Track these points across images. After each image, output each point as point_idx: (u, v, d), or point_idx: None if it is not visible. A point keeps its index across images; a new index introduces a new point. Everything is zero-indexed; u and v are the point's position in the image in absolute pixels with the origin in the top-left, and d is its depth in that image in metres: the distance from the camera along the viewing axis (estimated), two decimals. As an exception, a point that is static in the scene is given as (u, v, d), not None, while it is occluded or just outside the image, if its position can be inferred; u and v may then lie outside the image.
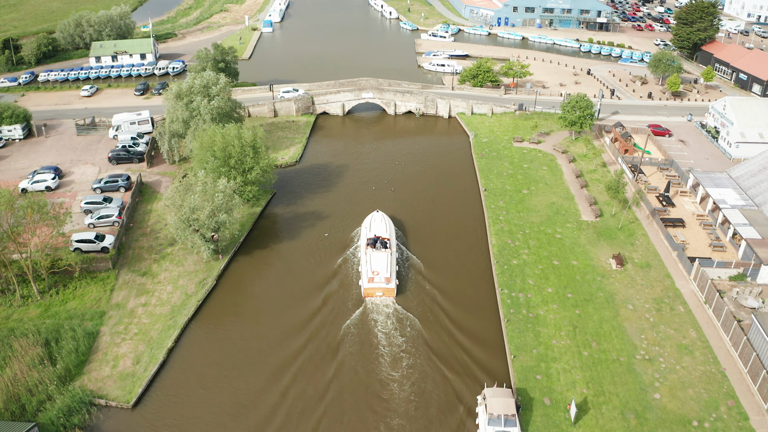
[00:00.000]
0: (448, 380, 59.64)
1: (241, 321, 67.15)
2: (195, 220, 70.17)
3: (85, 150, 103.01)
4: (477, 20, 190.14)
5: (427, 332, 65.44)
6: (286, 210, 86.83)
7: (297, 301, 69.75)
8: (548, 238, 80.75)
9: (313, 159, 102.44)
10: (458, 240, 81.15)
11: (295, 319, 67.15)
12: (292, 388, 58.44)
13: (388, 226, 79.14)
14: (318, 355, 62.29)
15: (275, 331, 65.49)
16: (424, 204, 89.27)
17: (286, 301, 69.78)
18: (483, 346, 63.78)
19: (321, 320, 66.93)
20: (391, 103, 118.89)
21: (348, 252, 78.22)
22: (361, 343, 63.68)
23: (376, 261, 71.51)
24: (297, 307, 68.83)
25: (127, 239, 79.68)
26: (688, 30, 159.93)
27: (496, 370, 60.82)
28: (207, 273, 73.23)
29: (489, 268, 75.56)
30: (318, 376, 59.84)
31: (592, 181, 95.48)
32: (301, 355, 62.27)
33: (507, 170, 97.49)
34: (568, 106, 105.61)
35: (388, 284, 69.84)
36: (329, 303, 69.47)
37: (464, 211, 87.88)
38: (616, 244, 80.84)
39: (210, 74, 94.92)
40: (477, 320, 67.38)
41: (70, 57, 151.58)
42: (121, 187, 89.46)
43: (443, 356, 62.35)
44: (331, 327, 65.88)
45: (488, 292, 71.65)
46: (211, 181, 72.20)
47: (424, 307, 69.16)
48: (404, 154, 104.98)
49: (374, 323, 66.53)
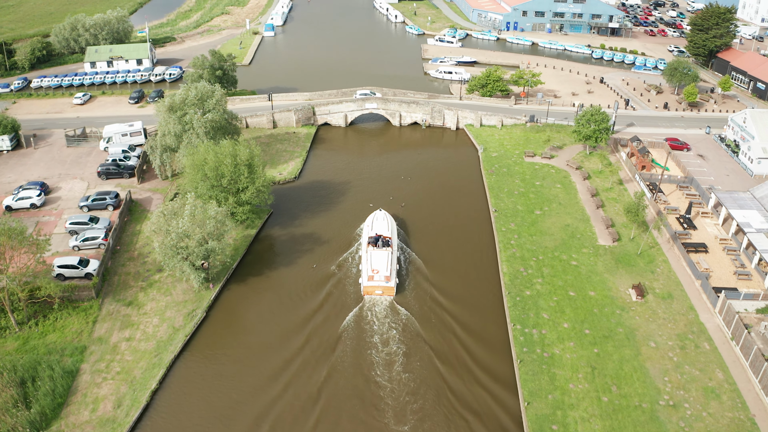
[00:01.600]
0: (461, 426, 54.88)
1: (231, 357, 62.16)
2: (183, 248, 65.17)
3: (74, 163, 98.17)
4: (485, 25, 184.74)
5: (443, 366, 61.10)
6: (283, 232, 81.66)
7: (292, 334, 64.66)
8: (563, 266, 75.50)
9: (313, 174, 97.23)
10: (466, 266, 75.95)
11: (289, 352, 62.16)
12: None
13: (390, 225, 78.27)
14: (310, 397, 57.37)
15: (268, 367, 60.54)
16: (431, 225, 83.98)
17: (280, 335, 64.73)
18: (494, 389, 58.77)
19: (316, 358, 61.94)
20: (396, 114, 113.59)
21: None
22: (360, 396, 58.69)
23: (376, 259, 70.82)
24: (292, 341, 63.77)
25: (113, 264, 74.75)
26: (704, 37, 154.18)
27: (508, 418, 55.78)
28: (196, 303, 68.22)
29: (500, 299, 70.38)
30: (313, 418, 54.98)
31: (609, 201, 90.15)
32: (292, 395, 57.37)
33: (518, 188, 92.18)
34: (582, 119, 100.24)
35: (388, 283, 69.18)
36: (324, 336, 64.50)
37: (473, 233, 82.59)
38: (636, 272, 75.61)
39: (205, 86, 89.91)
40: (487, 358, 62.41)
41: (65, 62, 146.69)
42: (110, 205, 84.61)
43: (459, 395, 57.89)
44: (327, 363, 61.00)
45: (499, 327, 66.49)
46: (200, 205, 67.13)
47: (439, 337, 64.40)
48: (409, 169, 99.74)
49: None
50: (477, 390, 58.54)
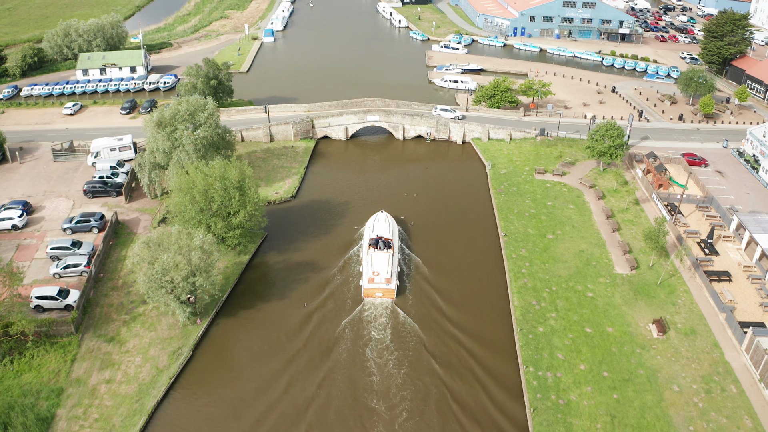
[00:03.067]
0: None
1: (220, 399, 57.18)
2: (168, 282, 60.13)
3: (60, 179, 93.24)
4: (491, 30, 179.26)
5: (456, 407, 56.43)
6: (277, 258, 76.42)
7: (286, 377, 59.59)
8: (578, 298, 70.26)
9: (311, 193, 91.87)
10: (474, 298, 70.67)
11: (287, 403, 57.08)
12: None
13: (391, 227, 77.52)
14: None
15: (258, 410, 55.52)
16: (436, 250, 78.67)
17: (273, 377, 59.67)
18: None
19: (318, 407, 56.87)
20: (399, 127, 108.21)
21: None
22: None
23: (377, 261, 70.13)
24: (286, 387, 58.71)
25: (96, 294, 69.74)
26: (718, 44, 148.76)
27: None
28: (182, 340, 63.16)
29: (511, 337, 65.16)
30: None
31: (625, 223, 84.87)
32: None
33: (529, 209, 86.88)
34: (596, 135, 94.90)
35: (389, 285, 68.52)
36: (327, 382, 59.41)
37: (481, 261, 77.23)
38: (656, 304, 70.39)
39: (197, 99, 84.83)
40: (499, 405, 57.30)
41: (58, 69, 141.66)
42: (94, 227, 79.65)
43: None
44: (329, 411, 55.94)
45: (511, 368, 61.31)
46: (186, 235, 62.04)
47: (450, 379, 59.26)
48: (413, 187, 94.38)
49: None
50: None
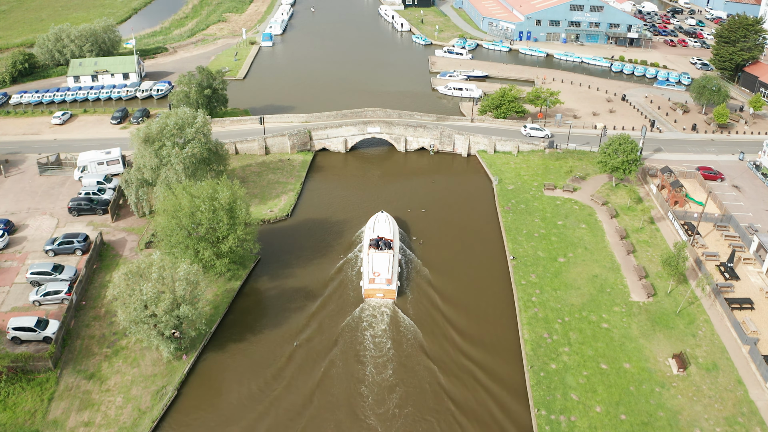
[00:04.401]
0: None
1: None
2: (150, 316, 55.59)
3: (45, 195, 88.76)
4: (496, 34, 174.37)
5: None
6: (271, 285, 71.67)
7: (279, 415, 55.03)
8: (593, 329, 65.54)
9: (308, 211, 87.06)
10: (481, 330, 65.87)
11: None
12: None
13: (391, 227, 77.33)
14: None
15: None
16: (441, 275, 73.96)
17: (261, 417, 55.08)
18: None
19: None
20: (401, 139, 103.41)
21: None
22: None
23: (377, 262, 70.06)
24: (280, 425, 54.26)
25: (77, 324, 65.18)
26: (731, 50, 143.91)
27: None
28: (167, 378, 58.56)
29: (521, 374, 60.44)
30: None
31: (640, 245, 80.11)
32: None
33: (538, 229, 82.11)
34: (609, 149, 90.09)
35: (389, 286, 68.33)
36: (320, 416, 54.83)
37: (488, 287, 72.34)
38: (675, 335, 65.69)
39: (185, 111, 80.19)
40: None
41: (49, 75, 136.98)
42: (78, 249, 75.15)
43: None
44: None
45: (521, 410, 56.57)
46: (169, 265, 57.44)
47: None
48: (416, 202, 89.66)
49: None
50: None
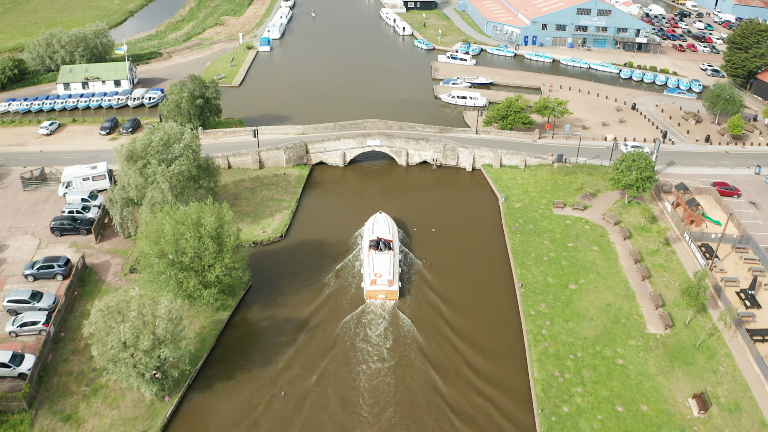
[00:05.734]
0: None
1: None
2: (129, 357, 51.01)
3: (28, 213, 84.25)
4: (501, 39, 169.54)
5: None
6: (262, 315, 66.88)
7: None
8: (607, 366, 60.83)
9: (303, 231, 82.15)
10: (488, 364, 61.20)
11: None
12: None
13: (390, 228, 77.03)
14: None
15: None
16: (444, 305, 69.25)
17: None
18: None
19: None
20: (403, 152, 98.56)
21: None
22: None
23: (378, 263, 69.91)
24: None
25: (54, 358, 60.64)
26: (743, 56, 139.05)
27: None
28: (149, 421, 53.98)
29: (531, 419, 55.74)
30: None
31: (656, 269, 75.38)
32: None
33: (547, 252, 77.36)
34: (622, 165, 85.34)
35: (391, 286, 68.03)
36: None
37: (495, 318, 67.37)
38: (695, 372, 60.99)
39: (172, 126, 75.53)
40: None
41: (40, 81, 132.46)
42: (58, 274, 70.60)
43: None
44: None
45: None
46: (149, 301, 52.84)
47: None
48: (417, 221, 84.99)
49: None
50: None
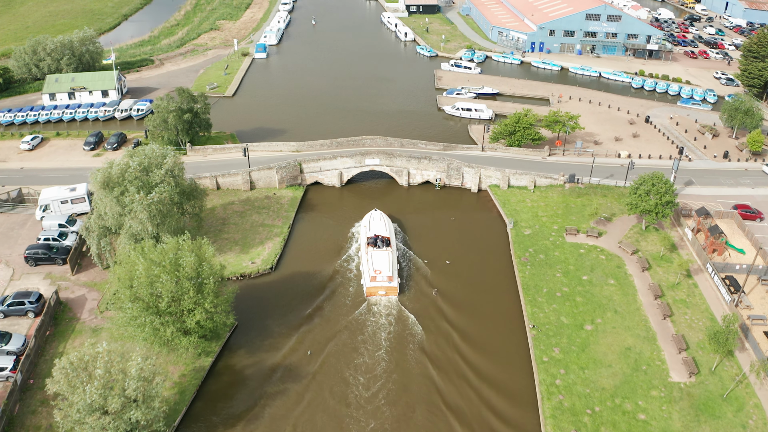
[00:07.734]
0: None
1: None
2: (96, 420, 45.32)
3: (3, 238, 78.72)
4: (506, 45, 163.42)
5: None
6: (248, 361, 60.92)
7: None
8: (628, 422, 54.99)
9: (295, 262, 75.87)
10: (498, 423, 55.36)
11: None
12: None
13: (387, 225, 77.71)
14: None
15: None
16: (445, 349, 63.36)
17: None
18: None
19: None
20: (404, 172, 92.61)
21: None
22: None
23: (377, 260, 70.38)
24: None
25: (21, 409, 55.05)
26: (760, 65, 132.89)
27: None
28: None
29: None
30: None
31: (677, 305, 69.50)
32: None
33: (560, 286, 71.41)
34: (640, 189, 79.46)
35: (391, 283, 68.44)
36: None
37: (505, 366, 61.22)
38: (723, 428, 55.38)
39: (154, 150, 69.71)
40: None
41: (26, 91, 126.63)
42: (29, 311, 64.96)
43: None
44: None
45: None
46: (118, 358, 47.12)
47: None
48: (419, 250, 79.14)
49: None
50: None
